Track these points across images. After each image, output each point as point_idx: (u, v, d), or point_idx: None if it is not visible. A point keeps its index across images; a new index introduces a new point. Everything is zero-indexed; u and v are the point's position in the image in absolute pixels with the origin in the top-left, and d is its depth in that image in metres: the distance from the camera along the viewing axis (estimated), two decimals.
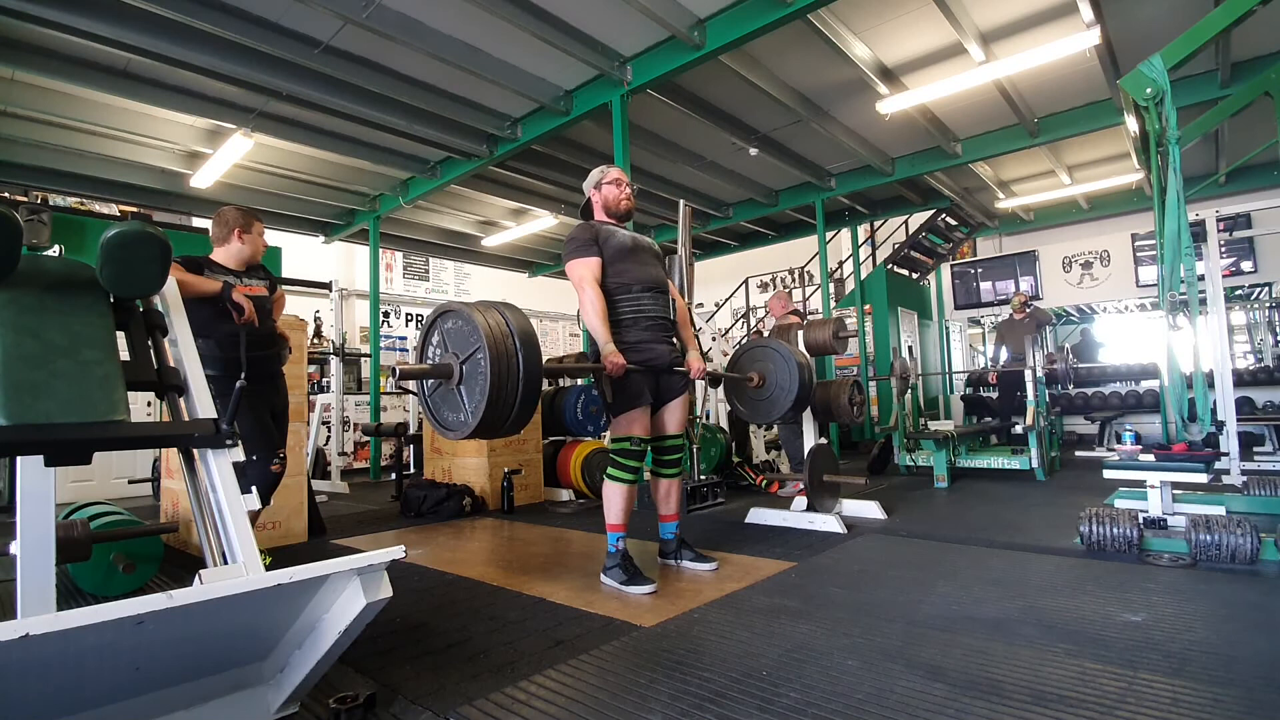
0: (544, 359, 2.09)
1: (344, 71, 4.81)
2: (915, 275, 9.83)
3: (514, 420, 1.98)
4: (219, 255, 2.76)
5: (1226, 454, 3.38)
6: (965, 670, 1.68)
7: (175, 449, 1.73)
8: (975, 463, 5.54)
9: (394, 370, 1.84)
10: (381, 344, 8.31)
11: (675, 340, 2.83)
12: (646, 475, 2.93)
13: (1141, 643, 1.84)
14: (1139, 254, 8.51)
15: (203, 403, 1.75)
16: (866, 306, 8.66)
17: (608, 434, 2.73)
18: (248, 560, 1.48)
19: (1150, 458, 2.95)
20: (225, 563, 1.49)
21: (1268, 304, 8.71)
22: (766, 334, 4.37)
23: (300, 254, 8.53)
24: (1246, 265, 7.94)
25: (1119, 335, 10.88)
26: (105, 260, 1.69)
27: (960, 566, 2.72)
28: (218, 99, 5.27)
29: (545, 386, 5.56)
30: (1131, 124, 3.53)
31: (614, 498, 2.68)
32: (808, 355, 3.35)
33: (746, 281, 11.39)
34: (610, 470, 2.68)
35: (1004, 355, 6.86)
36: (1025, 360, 5.44)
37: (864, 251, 9.72)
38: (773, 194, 8.34)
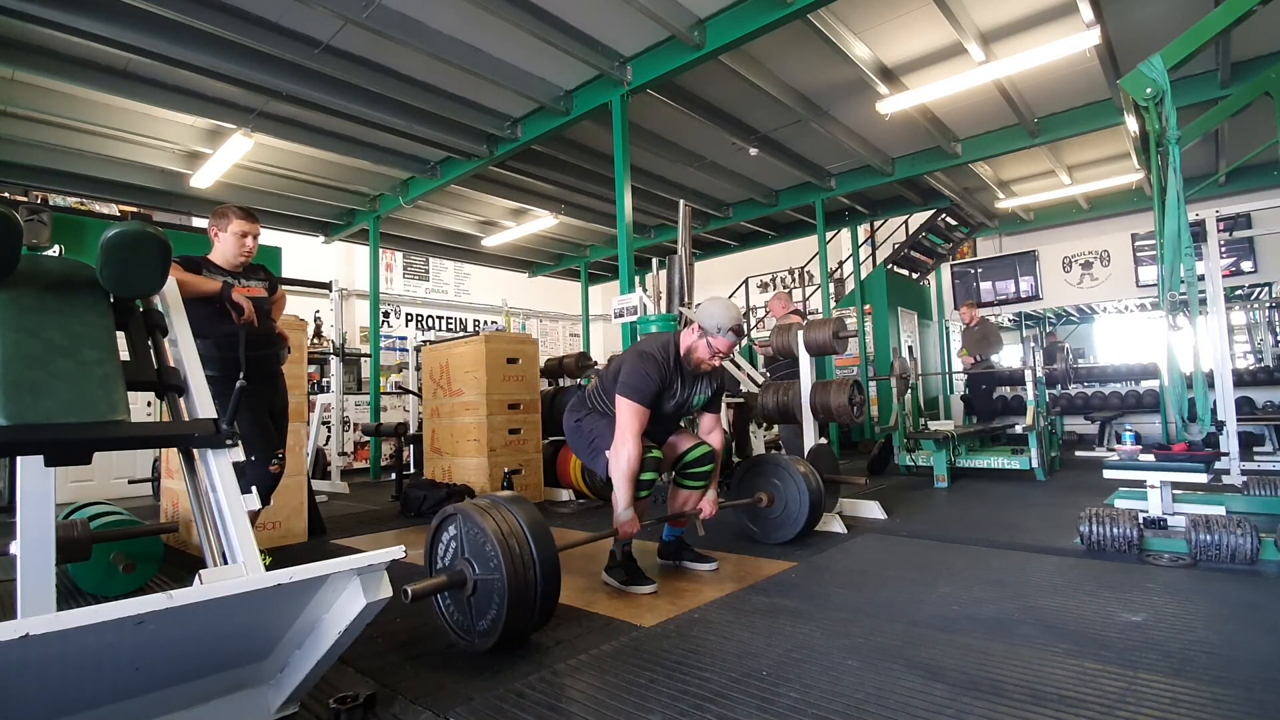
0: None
1: (344, 71, 4.81)
2: (915, 275, 9.84)
3: (536, 625, 1.94)
4: (214, 256, 2.76)
5: (1226, 454, 3.38)
6: (965, 670, 1.68)
7: (175, 449, 1.73)
8: (975, 463, 5.54)
9: (405, 592, 1.73)
10: (381, 344, 8.32)
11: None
12: (663, 480, 2.90)
13: (1141, 643, 1.84)
14: (1139, 254, 8.51)
15: (203, 403, 1.75)
16: (866, 306, 8.65)
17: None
18: (248, 560, 1.48)
19: (1150, 458, 2.95)
20: (225, 563, 1.49)
21: (1268, 304, 8.71)
22: (768, 334, 4.37)
23: (300, 254, 8.53)
24: (1246, 265, 7.94)
25: (1119, 335, 10.89)
26: (105, 260, 1.69)
27: (960, 566, 2.72)
28: (218, 99, 5.27)
29: (545, 386, 5.56)
30: (1131, 124, 3.53)
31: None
32: (810, 464, 3.30)
33: (746, 281, 11.39)
34: None
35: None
36: (985, 364, 5.61)
37: (864, 251, 9.72)
38: (773, 194, 8.34)
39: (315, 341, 8.42)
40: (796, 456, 3.39)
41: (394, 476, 5.85)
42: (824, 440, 3.82)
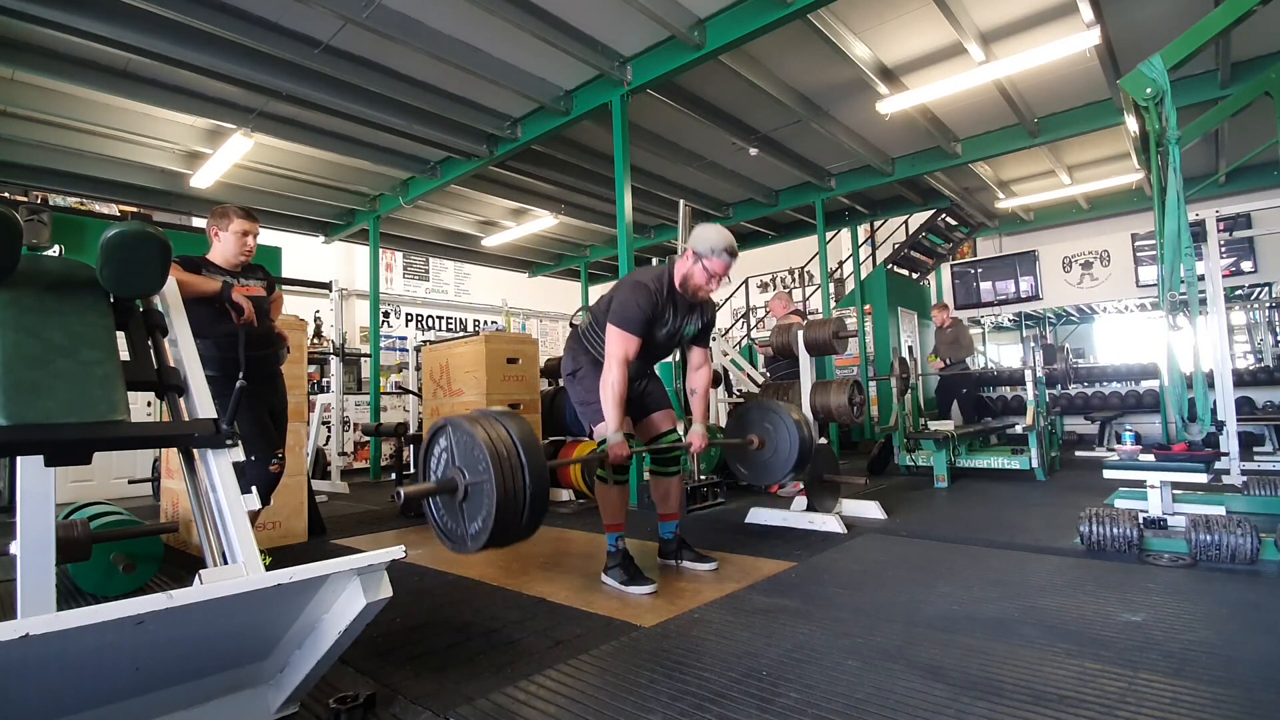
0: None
1: (344, 71, 4.81)
2: (915, 275, 9.83)
3: (524, 531, 1.96)
4: (212, 256, 2.76)
5: (1226, 454, 3.38)
6: (965, 670, 1.68)
7: (175, 449, 1.73)
8: (975, 463, 5.53)
9: (397, 494, 1.80)
10: (381, 344, 8.31)
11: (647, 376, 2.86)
12: (646, 475, 2.93)
13: (1141, 643, 1.84)
14: (1139, 254, 8.51)
15: (203, 403, 1.75)
16: (866, 306, 8.65)
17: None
18: (248, 560, 1.48)
19: (1150, 458, 2.95)
20: (225, 563, 1.49)
21: (1268, 304, 8.71)
22: (768, 334, 4.37)
23: (300, 254, 8.52)
24: (1246, 265, 7.94)
25: (1119, 335, 10.90)
26: (105, 260, 1.69)
27: (960, 566, 2.72)
28: (218, 99, 5.27)
29: (545, 386, 5.56)
30: (1131, 124, 3.53)
31: (608, 499, 2.69)
32: (804, 412, 3.32)
33: (746, 281, 11.40)
34: (600, 471, 2.69)
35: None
36: (960, 366, 5.77)
37: (864, 251, 9.72)
38: (773, 194, 8.34)
39: (315, 341, 8.42)
40: (789, 403, 3.39)
41: (394, 476, 5.85)
42: (824, 440, 3.82)
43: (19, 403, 1.44)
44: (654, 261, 4.79)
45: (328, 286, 7.43)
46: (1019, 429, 5.63)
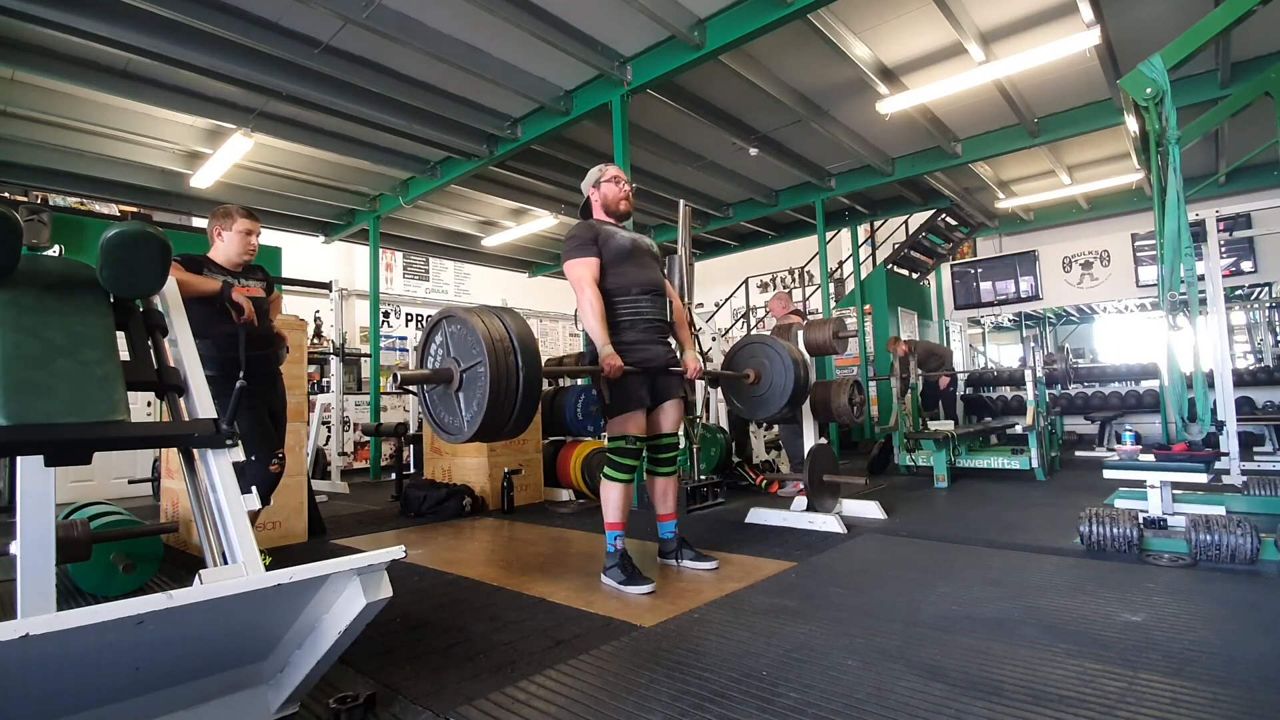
0: (543, 360, 2.11)
1: (344, 71, 4.81)
2: (915, 275, 9.84)
3: (513, 426, 2.00)
4: (214, 255, 2.76)
5: (1226, 454, 3.38)
6: (965, 670, 1.68)
7: (175, 449, 1.73)
8: (975, 463, 5.53)
9: (394, 375, 1.87)
10: (381, 344, 8.31)
11: (671, 342, 2.87)
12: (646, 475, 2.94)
13: (1141, 643, 1.84)
14: (1139, 254, 8.51)
15: (203, 403, 1.75)
16: (866, 306, 8.65)
17: (606, 433, 2.73)
18: (248, 560, 1.48)
19: (1150, 458, 2.95)
20: (225, 563, 1.49)
21: (1268, 304, 8.72)
22: (768, 334, 4.37)
23: (300, 254, 8.53)
24: (1246, 265, 7.94)
25: (1119, 335, 10.90)
26: (105, 260, 1.69)
27: (960, 566, 2.72)
28: (218, 99, 5.27)
29: (545, 386, 5.56)
30: (1131, 124, 3.53)
31: (611, 497, 2.69)
32: (803, 352, 3.36)
33: (746, 281, 11.39)
34: (606, 470, 2.69)
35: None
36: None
37: (864, 251, 9.72)
38: (773, 194, 8.34)
39: (315, 341, 8.41)
40: (790, 344, 3.41)
41: (394, 476, 5.85)
42: (824, 440, 3.82)
43: (19, 403, 1.44)
44: None
45: (328, 286, 7.41)
46: (1019, 429, 5.63)
